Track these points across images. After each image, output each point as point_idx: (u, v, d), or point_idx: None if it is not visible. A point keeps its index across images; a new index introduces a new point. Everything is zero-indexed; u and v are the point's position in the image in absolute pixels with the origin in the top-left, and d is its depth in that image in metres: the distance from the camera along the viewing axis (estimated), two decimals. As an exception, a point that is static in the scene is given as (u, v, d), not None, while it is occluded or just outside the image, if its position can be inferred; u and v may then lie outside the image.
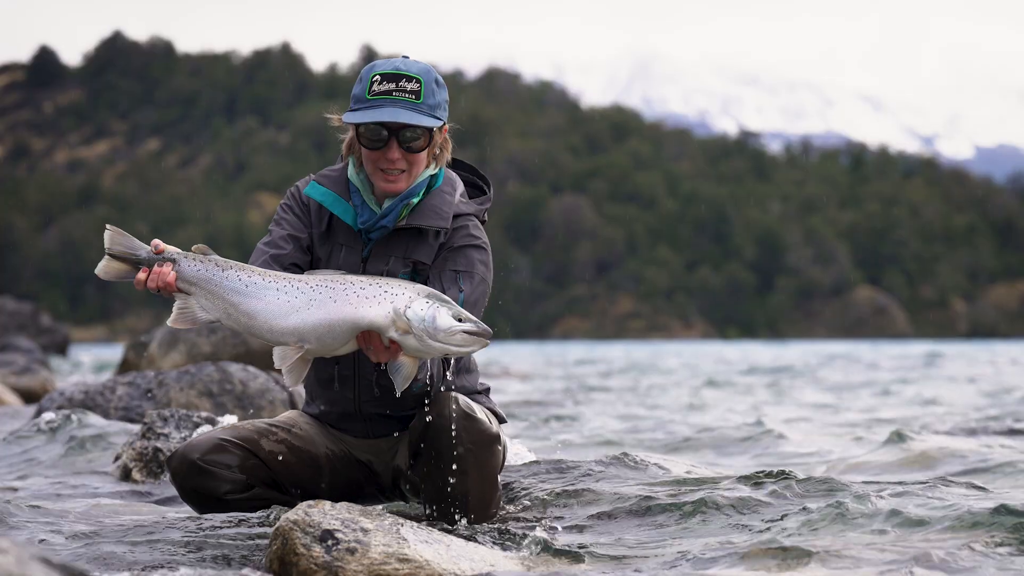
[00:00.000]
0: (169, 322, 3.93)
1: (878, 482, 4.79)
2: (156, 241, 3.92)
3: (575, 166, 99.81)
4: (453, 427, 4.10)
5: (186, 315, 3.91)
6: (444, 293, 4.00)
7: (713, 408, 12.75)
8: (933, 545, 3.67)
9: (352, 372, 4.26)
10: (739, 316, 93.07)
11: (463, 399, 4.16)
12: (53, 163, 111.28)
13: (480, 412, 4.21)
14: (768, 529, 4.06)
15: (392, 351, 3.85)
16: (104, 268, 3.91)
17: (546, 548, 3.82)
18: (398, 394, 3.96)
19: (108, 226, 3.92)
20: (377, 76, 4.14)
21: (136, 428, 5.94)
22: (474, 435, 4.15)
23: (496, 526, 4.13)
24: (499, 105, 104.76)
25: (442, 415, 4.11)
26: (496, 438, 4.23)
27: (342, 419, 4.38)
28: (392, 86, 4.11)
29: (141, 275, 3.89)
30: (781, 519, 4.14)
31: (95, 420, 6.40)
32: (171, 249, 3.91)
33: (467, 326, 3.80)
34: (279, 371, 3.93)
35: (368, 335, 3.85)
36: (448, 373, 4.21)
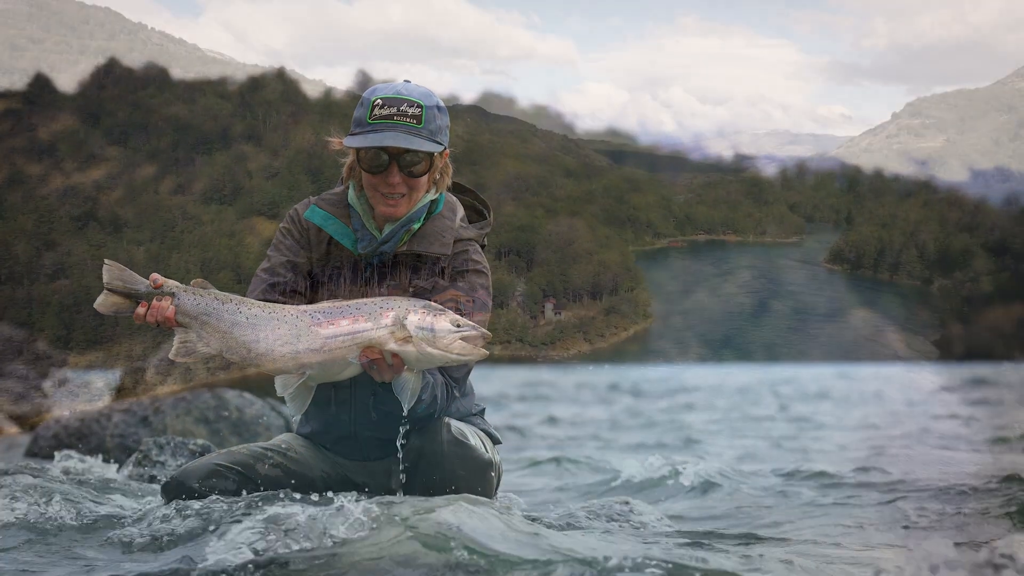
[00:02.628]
0: (170, 356, 3.90)
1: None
2: (155, 275, 3.90)
3: (570, 189, 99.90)
4: (445, 454, 4.07)
5: (187, 348, 3.89)
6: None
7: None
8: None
9: (349, 395, 4.25)
10: (735, 339, 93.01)
11: (455, 425, 4.14)
12: (49, 189, 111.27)
13: (472, 438, 4.19)
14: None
15: (396, 367, 3.83)
16: (103, 303, 3.89)
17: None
18: (405, 412, 3.94)
19: (106, 261, 3.89)
20: (379, 100, 4.12)
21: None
22: (467, 462, 4.13)
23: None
24: (494, 129, 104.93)
25: (434, 442, 4.10)
26: (489, 464, 4.20)
27: (338, 441, 4.36)
28: (393, 110, 4.10)
29: (140, 309, 3.87)
30: None
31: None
32: (170, 283, 3.89)
33: (466, 331, 3.79)
34: (282, 399, 3.90)
35: (370, 352, 3.82)
36: (456, 391, 4.18)
